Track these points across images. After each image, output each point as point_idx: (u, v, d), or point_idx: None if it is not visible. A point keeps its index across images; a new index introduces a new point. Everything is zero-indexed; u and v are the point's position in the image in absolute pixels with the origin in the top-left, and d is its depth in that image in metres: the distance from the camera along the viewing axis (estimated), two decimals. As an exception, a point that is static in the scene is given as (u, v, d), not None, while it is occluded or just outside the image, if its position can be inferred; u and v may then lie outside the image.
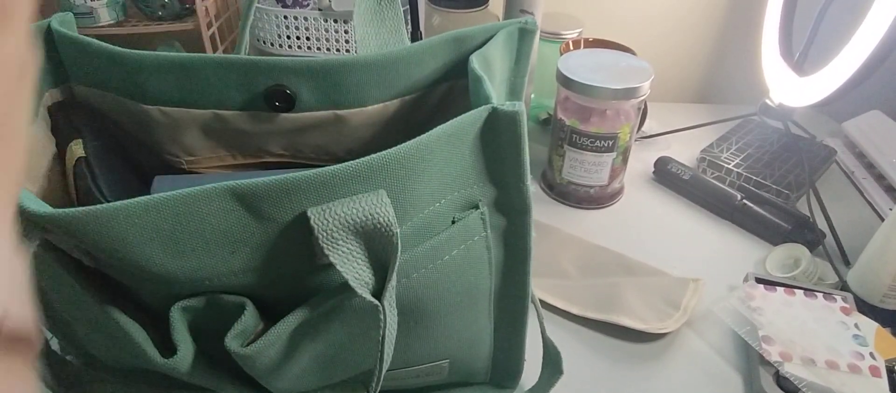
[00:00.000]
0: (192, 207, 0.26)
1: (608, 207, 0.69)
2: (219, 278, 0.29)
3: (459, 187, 0.33)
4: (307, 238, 0.29)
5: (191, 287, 0.29)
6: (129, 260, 0.26)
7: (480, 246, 0.35)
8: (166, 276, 0.27)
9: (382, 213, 0.28)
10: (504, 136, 0.32)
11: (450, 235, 0.33)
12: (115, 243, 0.25)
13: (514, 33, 0.41)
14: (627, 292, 0.54)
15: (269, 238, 0.28)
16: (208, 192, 0.26)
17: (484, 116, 0.31)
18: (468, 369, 0.42)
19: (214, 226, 0.27)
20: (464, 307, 0.36)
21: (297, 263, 0.30)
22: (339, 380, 0.39)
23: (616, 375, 0.49)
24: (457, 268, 0.34)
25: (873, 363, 0.45)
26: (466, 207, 0.34)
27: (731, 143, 0.74)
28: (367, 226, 0.28)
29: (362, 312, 0.32)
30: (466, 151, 0.32)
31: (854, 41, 0.60)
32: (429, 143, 0.29)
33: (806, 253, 0.58)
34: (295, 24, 0.71)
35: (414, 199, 0.31)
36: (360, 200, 0.28)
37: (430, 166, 0.30)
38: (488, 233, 0.35)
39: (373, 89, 0.40)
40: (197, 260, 0.28)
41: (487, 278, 0.36)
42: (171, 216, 0.26)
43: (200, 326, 0.30)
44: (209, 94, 0.40)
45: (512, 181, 0.34)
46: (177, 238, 0.26)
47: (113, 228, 0.25)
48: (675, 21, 0.93)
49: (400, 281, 0.32)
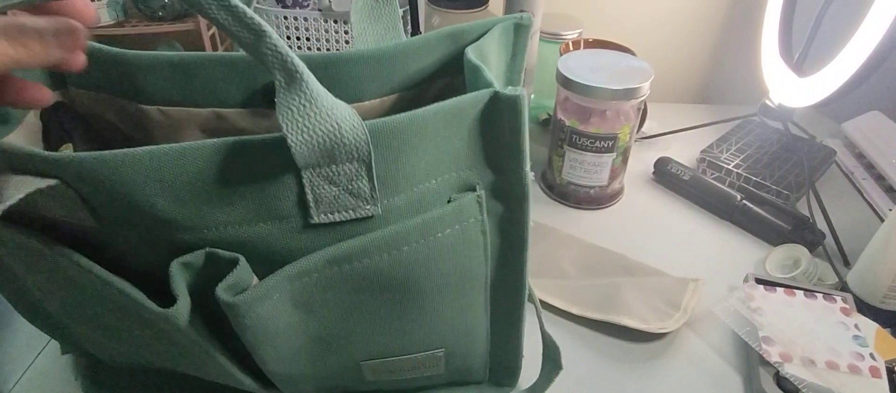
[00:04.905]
0: (189, 158, 0.28)
1: (608, 207, 0.69)
2: (217, 228, 0.30)
3: (456, 168, 0.33)
4: (302, 197, 0.30)
5: (191, 235, 0.30)
6: (135, 205, 0.28)
7: (476, 229, 0.35)
8: (169, 221, 0.29)
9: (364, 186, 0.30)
10: (504, 121, 0.32)
11: (444, 213, 0.33)
12: (123, 187, 0.27)
13: (509, 28, 0.41)
14: (627, 292, 0.53)
15: (264, 193, 0.30)
16: (204, 147, 0.28)
17: (485, 99, 0.31)
18: (465, 364, 0.42)
19: (210, 177, 0.28)
20: (458, 291, 0.36)
21: (290, 220, 0.31)
22: (333, 374, 0.39)
23: (616, 375, 0.49)
24: (450, 248, 0.34)
25: (873, 364, 0.45)
26: (463, 189, 0.34)
27: (731, 144, 0.74)
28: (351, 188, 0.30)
29: (354, 281, 0.33)
30: (465, 132, 0.32)
31: (854, 41, 0.60)
32: (425, 117, 0.30)
33: (806, 253, 0.58)
34: (295, 24, 0.72)
35: (407, 171, 0.31)
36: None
37: (425, 141, 0.31)
38: (484, 217, 0.35)
39: (370, 84, 0.40)
40: (195, 208, 0.29)
41: (483, 264, 0.36)
42: (170, 166, 0.28)
43: (199, 287, 0.31)
44: (209, 93, 0.40)
45: (511, 167, 0.34)
46: (176, 186, 0.28)
47: (121, 173, 0.27)
48: (675, 21, 0.93)
49: (391, 253, 0.32)
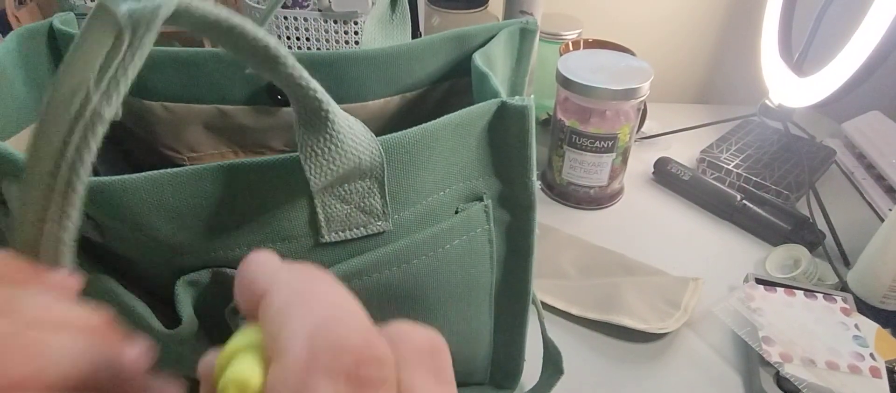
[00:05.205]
0: (191, 183, 0.27)
1: (608, 207, 0.69)
2: (224, 250, 0.29)
3: (464, 178, 0.33)
4: (313, 217, 0.29)
5: (196, 258, 0.29)
6: (138, 227, 0.27)
7: (483, 238, 0.35)
8: (174, 244, 0.28)
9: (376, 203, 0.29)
10: (512, 131, 0.32)
11: (452, 224, 0.33)
12: (123, 212, 0.26)
13: (515, 33, 0.41)
14: (627, 292, 0.54)
15: (272, 215, 0.29)
16: (205, 170, 0.27)
17: (493, 109, 0.31)
18: (467, 367, 0.42)
19: (214, 201, 0.27)
20: (464, 300, 0.36)
21: (300, 239, 0.30)
22: None
23: (616, 375, 0.49)
24: (458, 258, 0.34)
25: (873, 364, 0.45)
26: (470, 199, 0.34)
27: (731, 144, 0.74)
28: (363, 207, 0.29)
29: (363, 295, 0.32)
30: (473, 143, 0.32)
31: (854, 41, 0.60)
32: (434, 131, 0.30)
33: (806, 253, 0.58)
34: (295, 24, 0.71)
35: (417, 185, 0.31)
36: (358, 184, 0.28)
37: (435, 154, 0.30)
38: (491, 226, 0.35)
39: (374, 84, 0.40)
40: (201, 232, 0.28)
41: (488, 272, 0.36)
42: (171, 191, 0.27)
43: (205, 304, 0.31)
44: (212, 89, 0.40)
45: (517, 176, 0.34)
46: (179, 211, 0.27)
47: (121, 199, 0.26)
48: (675, 22, 0.93)
49: (400, 266, 0.32)
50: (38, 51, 0.38)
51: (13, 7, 0.76)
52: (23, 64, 0.36)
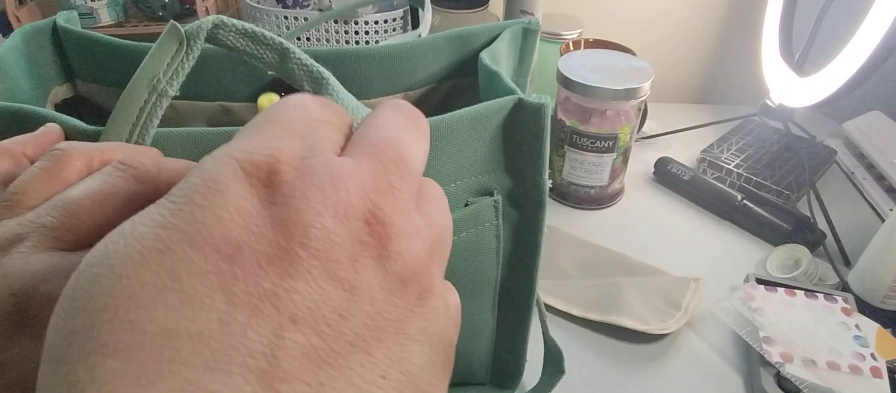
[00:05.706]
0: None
1: (608, 207, 0.69)
2: None
3: (475, 173, 0.33)
4: None
5: None
6: None
7: (490, 233, 0.35)
8: None
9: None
10: (527, 128, 0.32)
11: (461, 216, 0.33)
12: None
13: (518, 33, 0.41)
14: (628, 292, 0.54)
15: None
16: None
17: (509, 106, 0.32)
18: (468, 366, 0.42)
19: None
20: (468, 295, 0.36)
21: None
22: None
23: (617, 375, 0.49)
24: (464, 251, 0.34)
25: (874, 364, 0.45)
26: (481, 194, 0.34)
27: (732, 144, 0.74)
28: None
29: None
30: (487, 138, 0.32)
31: (854, 42, 0.60)
32: (451, 123, 0.30)
33: (806, 253, 0.58)
34: (295, 24, 0.71)
35: (428, 174, 0.31)
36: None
37: (449, 146, 0.31)
38: (500, 221, 0.35)
39: (376, 82, 0.41)
40: None
41: (494, 268, 0.36)
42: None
43: None
44: (216, 86, 0.40)
45: (529, 174, 0.34)
46: None
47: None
48: (676, 21, 0.93)
49: None
50: (42, 47, 0.38)
51: (13, 6, 0.76)
52: (27, 60, 0.37)
